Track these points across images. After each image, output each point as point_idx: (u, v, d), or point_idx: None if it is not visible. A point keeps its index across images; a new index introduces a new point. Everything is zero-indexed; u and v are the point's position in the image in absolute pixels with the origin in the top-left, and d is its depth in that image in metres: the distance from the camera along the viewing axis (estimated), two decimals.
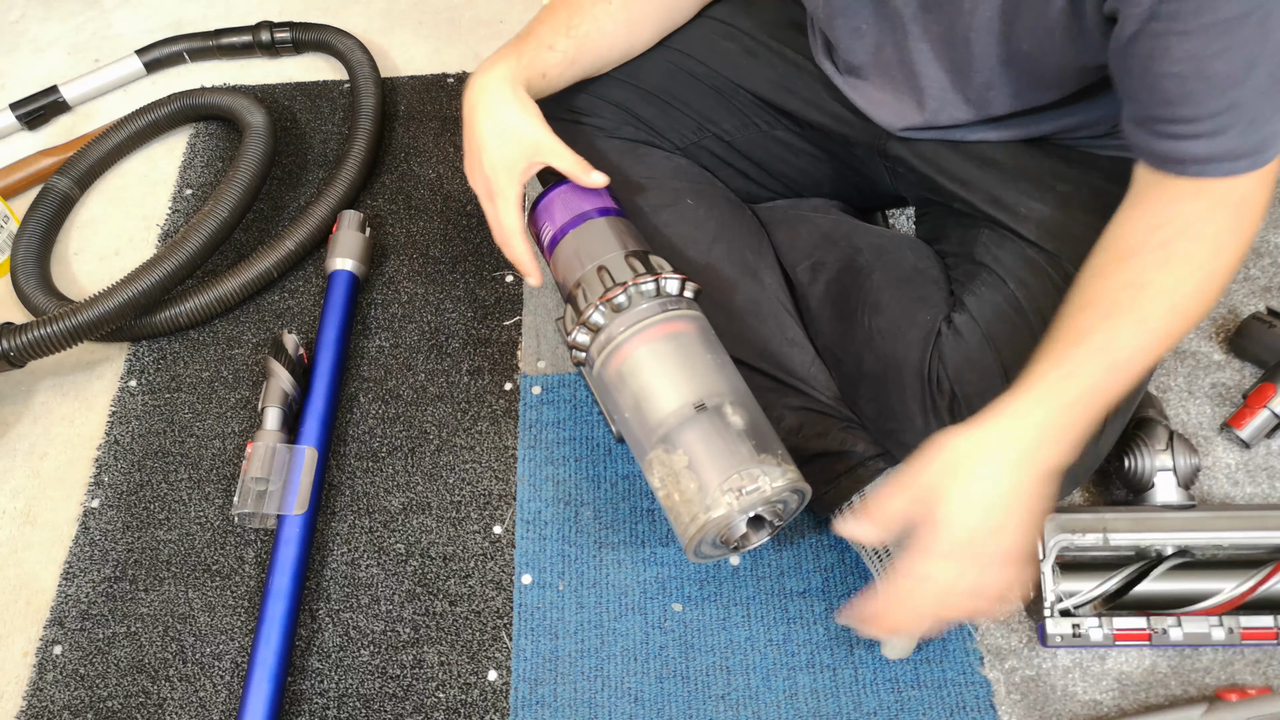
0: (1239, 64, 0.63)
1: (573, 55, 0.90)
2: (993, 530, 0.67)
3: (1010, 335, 0.80)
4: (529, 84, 0.87)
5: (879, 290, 0.89)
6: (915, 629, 0.75)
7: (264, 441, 0.99)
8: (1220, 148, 0.66)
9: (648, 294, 0.83)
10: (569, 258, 0.89)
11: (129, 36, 1.50)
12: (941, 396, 0.81)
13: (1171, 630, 0.85)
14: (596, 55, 0.93)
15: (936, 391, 0.81)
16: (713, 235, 0.94)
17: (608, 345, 0.83)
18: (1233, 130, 0.65)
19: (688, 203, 0.96)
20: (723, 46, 0.98)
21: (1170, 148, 0.68)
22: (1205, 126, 0.66)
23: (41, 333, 1.02)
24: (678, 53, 0.97)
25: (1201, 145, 0.67)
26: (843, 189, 1.04)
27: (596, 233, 0.88)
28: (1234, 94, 0.64)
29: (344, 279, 1.12)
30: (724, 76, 0.97)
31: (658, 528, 0.97)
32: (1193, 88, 0.64)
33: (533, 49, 0.88)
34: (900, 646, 0.85)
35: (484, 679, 0.90)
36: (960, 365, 0.80)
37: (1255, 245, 1.10)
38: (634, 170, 0.96)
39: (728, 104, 0.98)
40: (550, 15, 0.91)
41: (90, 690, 0.92)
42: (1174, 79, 0.65)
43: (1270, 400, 0.95)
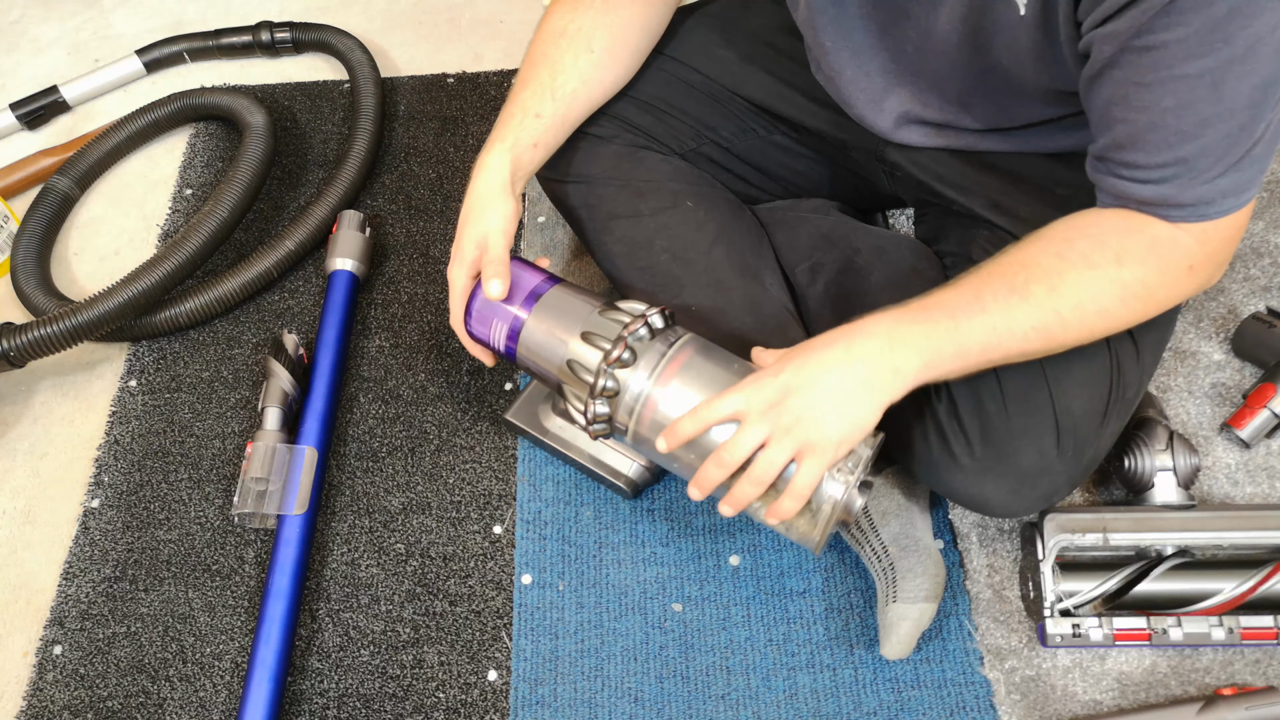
0: (1192, 121, 0.64)
1: (562, 114, 0.90)
2: (802, 387, 0.70)
3: None
4: (519, 165, 0.88)
5: (878, 291, 0.89)
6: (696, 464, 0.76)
7: (264, 441, 0.99)
8: (1162, 194, 0.68)
9: (645, 339, 0.81)
10: (542, 340, 0.84)
11: (129, 36, 1.50)
12: (939, 399, 0.81)
13: (1171, 630, 0.85)
14: (587, 105, 0.92)
15: (933, 394, 0.81)
16: (713, 237, 0.94)
17: (636, 404, 0.80)
18: (1177, 181, 0.67)
19: (687, 205, 0.96)
20: (719, 55, 0.98)
21: (1119, 185, 0.70)
22: (1152, 175, 0.68)
23: (41, 333, 1.02)
24: (673, 61, 0.98)
25: (1147, 190, 0.69)
26: (842, 190, 1.04)
27: (558, 304, 0.85)
28: (1183, 149, 0.65)
29: (344, 279, 1.12)
30: (720, 84, 0.98)
31: (658, 528, 0.97)
32: (1146, 137, 0.66)
33: (518, 123, 0.88)
34: (898, 646, 0.85)
35: (484, 679, 0.90)
36: None
37: (1255, 245, 1.10)
38: (633, 174, 0.96)
39: (724, 111, 0.98)
40: (533, 76, 0.89)
41: (90, 690, 0.92)
42: (1129, 125, 0.67)
43: (1270, 400, 0.95)
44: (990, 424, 0.79)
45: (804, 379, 0.71)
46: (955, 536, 0.94)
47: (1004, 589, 0.91)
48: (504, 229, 0.86)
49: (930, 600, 0.85)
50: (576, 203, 0.98)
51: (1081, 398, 0.79)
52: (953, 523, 0.95)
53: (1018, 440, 0.78)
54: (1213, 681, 0.85)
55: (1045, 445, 0.78)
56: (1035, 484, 0.80)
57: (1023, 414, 0.78)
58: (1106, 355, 0.79)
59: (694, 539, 0.96)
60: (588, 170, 0.97)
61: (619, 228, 0.96)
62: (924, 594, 0.84)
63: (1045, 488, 0.81)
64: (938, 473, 0.82)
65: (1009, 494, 0.81)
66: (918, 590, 0.84)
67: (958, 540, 0.94)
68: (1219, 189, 0.67)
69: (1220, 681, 0.85)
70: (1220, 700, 0.82)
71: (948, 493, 0.84)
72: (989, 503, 0.82)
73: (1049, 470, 0.79)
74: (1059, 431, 0.78)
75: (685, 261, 0.93)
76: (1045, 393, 0.78)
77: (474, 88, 1.36)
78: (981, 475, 0.80)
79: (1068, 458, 0.79)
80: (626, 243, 0.95)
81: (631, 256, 0.95)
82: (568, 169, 0.97)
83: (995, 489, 0.80)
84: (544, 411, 0.99)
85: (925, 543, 0.87)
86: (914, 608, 0.84)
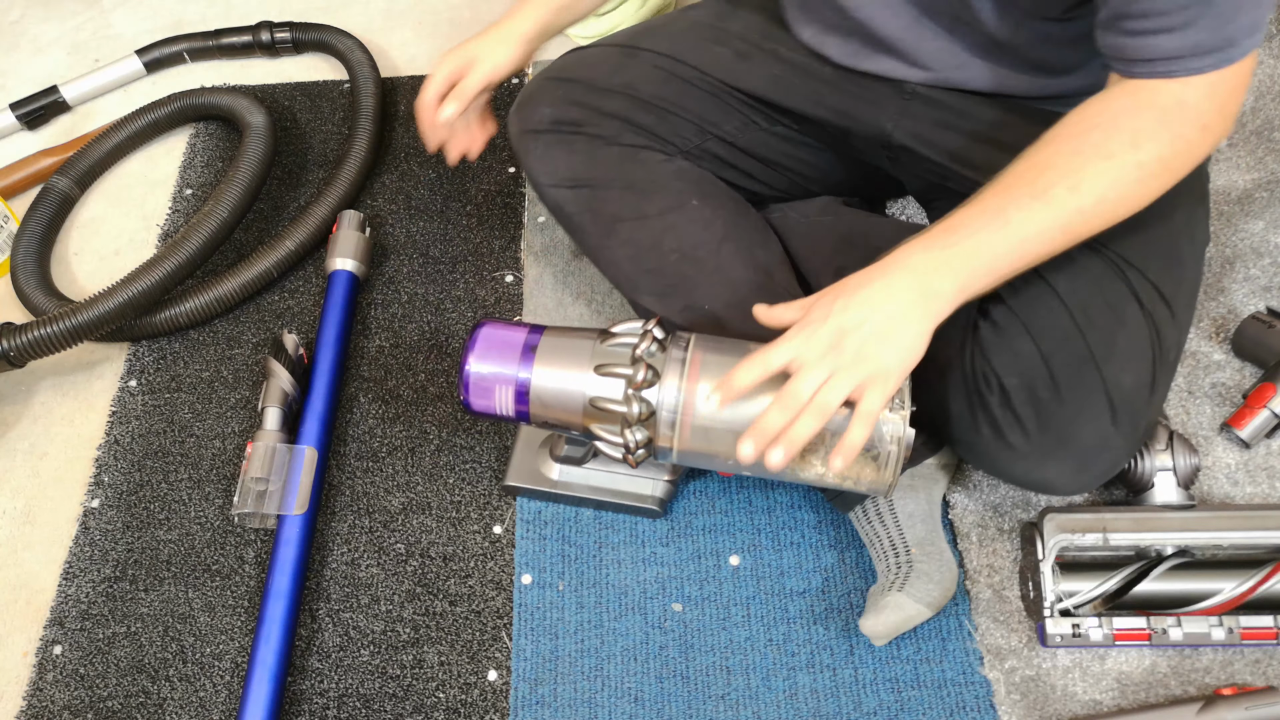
0: None
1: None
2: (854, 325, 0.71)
3: (1047, 320, 0.80)
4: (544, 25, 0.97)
5: None
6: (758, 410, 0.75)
7: (264, 441, 0.99)
8: (1188, 41, 0.68)
9: (657, 353, 0.81)
10: (555, 389, 0.82)
11: (129, 36, 1.50)
12: (990, 391, 0.81)
13: (1171, 630, 0.85)
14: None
15: (984, 387, 0.81)
16: (720, 235, 0.94)
17: (675, 417, 0.80)
18: (1201, 23, 0.67)
19: (693, 204, 0.95)
20: (714, 51, 0.98)
21: (1139, 45, 0.70)
22: (1176, 20, 0.67)
23: (41, 333, 1.02)
24: (669, 59, 0.98)
25: (1171, 40, 0.68)
26: (847, 180, 1.04)
27: (556, 350, 0.83)
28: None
29: (344, 279, 1.12)
30: (718, 80, 0.97)
31: (658, 528, 0.97)
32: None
33: None
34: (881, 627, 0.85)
35: (484, 679, 0.90)
36: (1005, 357, 0.80)
37: (1255, 245, 1.10)
38: (635, 175, 0.96)
39: (725, 106, 0.98)
40: None
41: (90, 690, 0.92)
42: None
43: (1270, 400, 0.95)
44: (1045, 410, 0.79)
45: (853, 317, 0.71)
46: (955, 536, 0.94)
47: (1004, 589, 0.91)
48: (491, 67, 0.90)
49: (930, 608, 0.85)
50: (577, 208, 0.97)
51: (1130, 371, 0.79)
52: (953, 523, 0.95)
53: (1074, 423, 0.79)
54: (1213, 681, 0.85)
55: (1102, 423, 0.79)
56: (1097, 460, 0.81)
57: (1076, 397, 0.79)
58: (1145, 324, 0.80)
59: (694, 539, 0.96)
60: (589, 174, 0.96)
61: (624, 230, 0.95)
62: (929, 599, 0.85)
63: (1107, 462, 0.81)
64: (996, 463, 0.83)
65: (1073, 474, 0.81)
66: (926, 593, 0.85)
67: (958, 540, 0.94)
68: (1241, 27, 0.67)
69: (1220, 681, 0.85)
70: (1220, 700, 0.82)
71: (1009, 479, 0.85)
72: (1053, 485, 0.83)
73: (1108, 445, 0.80)
74: (1113, 408, 0.78)
75: (695, 261, 0.92)
76: (1095, 373, 0.78)
77: None
78: (1043, 460, 0.81)
79: (1125, 431, 0.79)
80: (633, 245, 0.94)
81: (639, 259, 0.94)
82: (568, 174, 0.96)
83: (1058, 471, 0.81)
84: (544, 463, 0.97)
85: (947, 556, 0.88)
86: (914, 605, 0.84)
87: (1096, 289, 0.80)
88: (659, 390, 0.80)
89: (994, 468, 0.85)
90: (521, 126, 0.99)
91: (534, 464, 0.97)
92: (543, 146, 0.97)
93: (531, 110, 0.98)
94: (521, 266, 1.18)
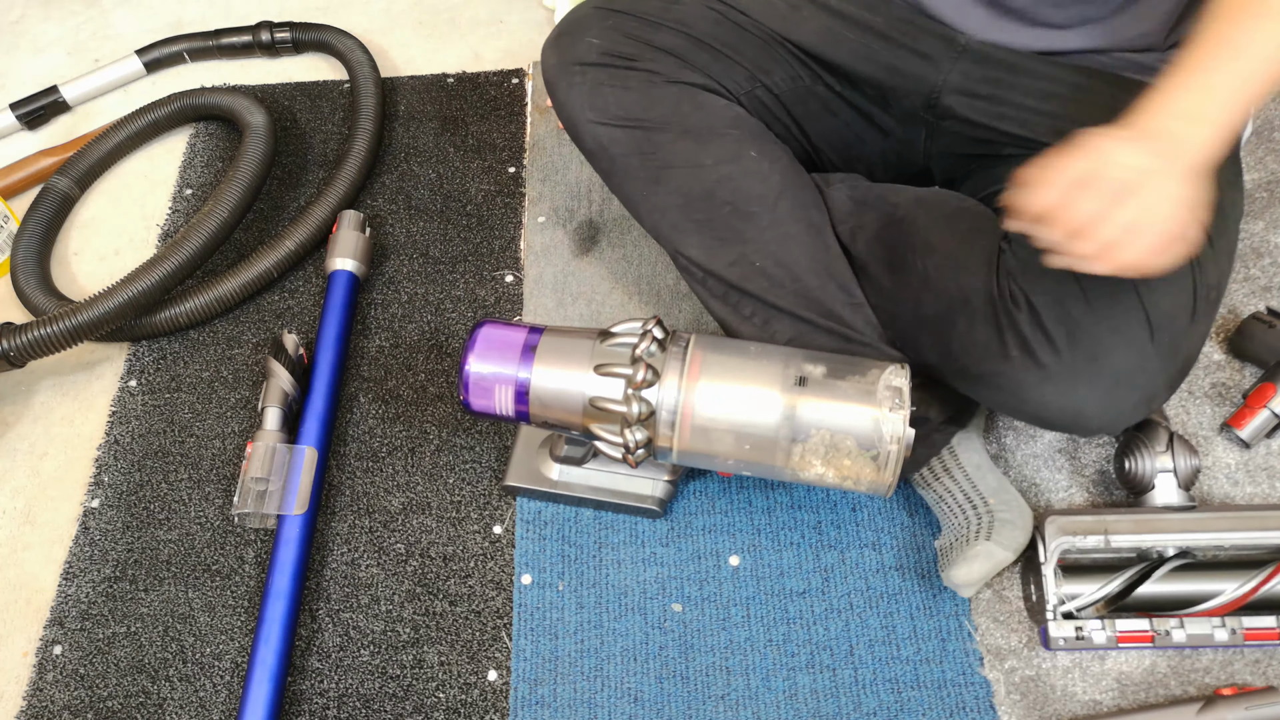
0: None
1: None
2: (1135, 163, 0.67)
3: None
4: None
5: (926, 232, 0.86)
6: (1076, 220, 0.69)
7: (264, 441, 0.99)
8: None
9: (657, 353, 0.81)
10: (555, 389, 0.82)
11: (129, 36, 1.50)
12: (1019, 309, 0.78)
13: (1174, 632, 0.85)
14: None
15: (1012, 306, 0.78)
16: (778, 190, 0.90)
17: (675, 418, 0.80)
18: None
19: (751, 155, 0.91)
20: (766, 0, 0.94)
21: None
22: None
23: (41, 333, 1.02)
24: (723, 3, 0.94)
25: None
26: (874, 156, 1.00)
27: (556, 350, 0.83)
28: None
29: (344, 279, 1.12)
30: (769, 28, 0.93)
31: (657, 528, 0.97)
32: None
33: None
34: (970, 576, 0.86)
35: (484, 679, 0.90)
36: (1032, 273, 0.77)
37: (1255, 245, 1.10)
38: (693, 119, 0.91)
39: (775, 55, 0.94)
40: None
41: (90, 690, 0.92)
42: None
43: (1270, 400, 0.95)
44: (1078, 326, 0.76)
45: (1133, 158, 0.68)
46: None
47: (1004, 589, 0.91)
48: None
49: (1015, 552, 0.86)
50: (626, 149, 0.91)
51: (1169, 294, 0.77)
52: None
53: (1109, 338, 0.76)
54: (1212, 681, 0.85)
55: (1139, 343, 0.76)
56: (1132, 385, 0.77)
57: (1110, 313, 0.76)
58: None
59: (694, 539, 0.96)
60: (644, 113, 0.90)
61: (675, 178, 0.90)
62: (1014, 544, 0.86)
63: (1143, 389, 0.78)
64: (1024, 389, 0.79)
65: (1105, 399, 0.77)
66: (1012, 540, 0.86)
67: None
68: None
69: (1220, 681, 0.85)
70: (1220, 700, 0.82)
71: (1037, 411, 0.80)
72: (1083, 413, 0.78)
73: (1145, 368, 0.77)
74: (1151, 326, 0.76)
75: (749, 216, 0.89)
76: (1132, 292, 0.76)
77: (474, 88, 1.36)
78: (1073, 381, 0.77)
79: (1163, 351, 0.77)
80: (683, 194, 0.90)
81: (687, 209, 0.90)
82: (620, 112, 0.90)
83: (1089, 394, 0.77)
84: (543, 463, 0.97)
85: (1021, 501, 0.89)
86: (1002, 552, 0.85)
87: None
88: (659, 390, 0.80)
89: (1021, 398, 0.80)
90: (563, 58, 0.92)
91: (534, 464, 0.97)
92: (590, 80, 0.91)
93: (576, 40, 0.92)
94: (521, 266, 1.18)
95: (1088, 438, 0.98)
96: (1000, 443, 0.98)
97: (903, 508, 0.96)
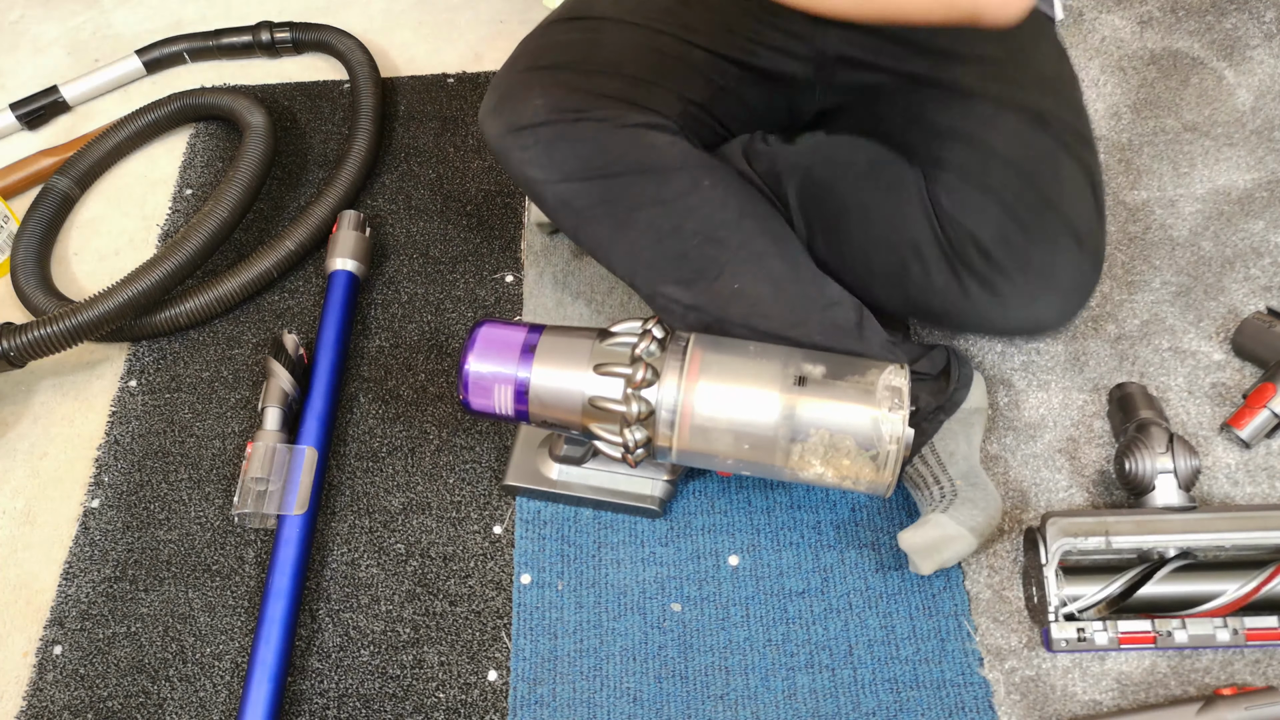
0: None
1: None
2: None
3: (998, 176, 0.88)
4: None
5: (852, 195, 0.92)
6: None
7: (264, 441, 0.99)
8: None
9: (657, 353, 0.81)
10: (555, 389, 0.82)
11: (129, 36, 1.50)
12: (969, 250, 0.87)
13: (1176, 633, 0.85)
14: None
15: (964, 248, 0.87)
16: (737, 213, 0.92)
17: (674, 417, 0.81)
18: None
19: (705, 184, 0.92)
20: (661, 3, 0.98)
21: None
22: None
23: (41, 333, 1.02)
24: (631, 26, 0.96)
25: None
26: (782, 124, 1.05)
27: (555, 349, 0.83)
28: None
29: (344, 279, 1.12)
30: (674, 36, 0.96)
31: (657, 527, 0.97)
32: None
33: None
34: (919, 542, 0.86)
35: (484, 679, 0.90)
36: (970, 213, 0.87)
37: (1255, 245, 1.09)
38: (648, 158, 0.91)
39: (689, 66, 0.97)
40: None
41: (90, 690, 0.92)
42: None
43: (1270, 400, 0.94)
44: (1022, 254, 0.87)
45: None
46: None
47: (1004, 589, 0.91)
48: None
49: (974, 534, 0.86)
50: (589, 201, 0.91)
51: (1079, 201, 0.89)
52: None
53: (1051, 258, 0.87)
54: (1212, 681, 0.85)
55: (1071, 249, 0.88)
56: (1077, 289, 0.90)
57: (1045, 235, 0.87)
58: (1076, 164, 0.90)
59: (693, 539, 0.96)
60: (602, 162, 0.91)
61: (642, 219, 0.91)
62: (971, 523, 0.86)
63: (1084, 289, 0.91)
64: (987, 316, 0.90)
65: (1059, 307, 0.91)
66: (969, 517, 0.86)
67: None
68: None
69: (1220, 681, 0.85)
70: (1220, 700, 0.82)
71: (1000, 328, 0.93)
72: (1044, 321, 0.92)
73: (1082, 270, 0.90)
74: (1078, 238, 0.88)
75: (719, 242, 0.90)
76: (1053, 212, 0.87)
77: (474, 88, 1.36)
78: (1030, 300, 0.89)
79: (1089, 252, 0.90)
80: (653, 232, 0.91)
81: (660, 246, 0.91)
82: (577, 166, 0.91)
83: (1048, 305, 0.90)
84: (543, 463, 0.97)
85: (991, 489, 0.90)
86: (955, 527, 0.85)
87: (1029, 144, 0.89)
88: (658, 390, 0.80)
89: (985, 323, 0.92)
90: (510, 124, 0.91)
91: (533, 464, 0.97)
92: (544, 140, 0.91)
93: (519, 104, 0.92)
94: (521, 266, 1.18)
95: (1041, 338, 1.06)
96: (1000, 443, 0.98)
97: (902, 508, 0.96)
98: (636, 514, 0.96)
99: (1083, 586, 0.86)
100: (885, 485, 0.80)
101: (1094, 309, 1.06)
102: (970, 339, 1.05)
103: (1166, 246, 1.11)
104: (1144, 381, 1.01)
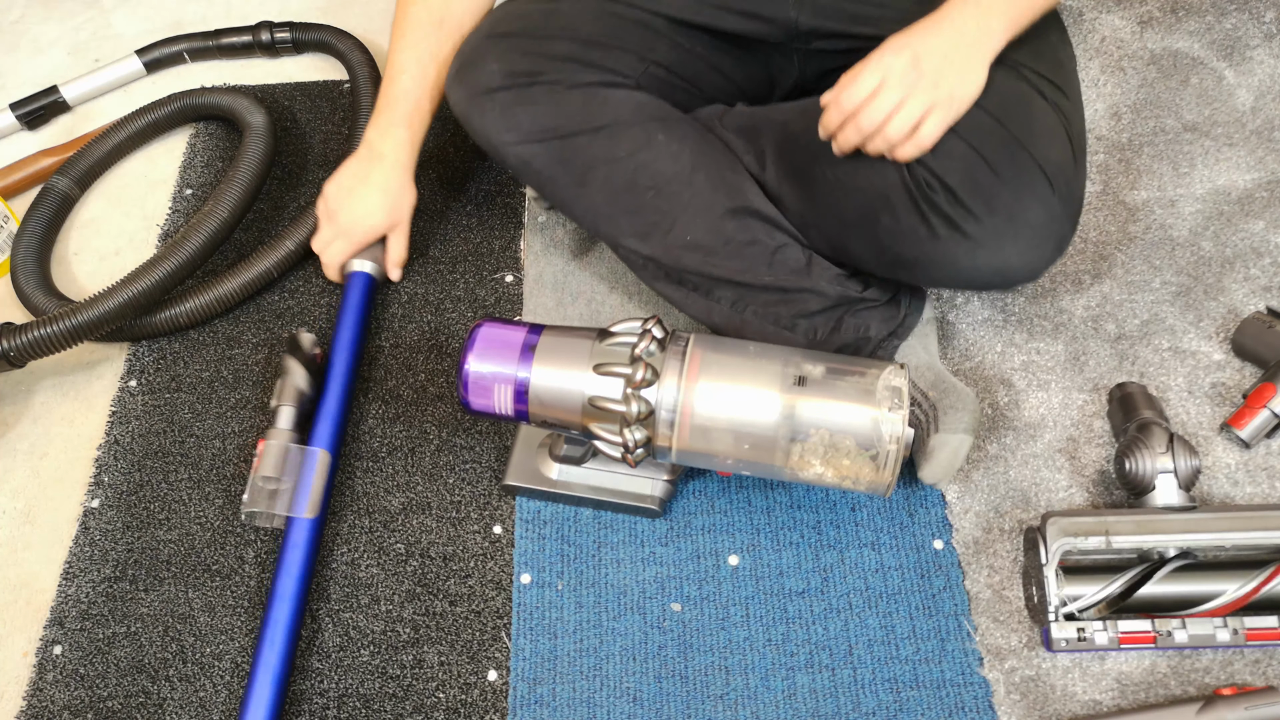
0: None
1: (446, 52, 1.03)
2: (929, 53, 0.83)
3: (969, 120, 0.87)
4: (414, 138, 1.07)
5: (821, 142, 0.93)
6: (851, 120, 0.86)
7: (277, 440, 0.97)
8: None
9: (656, 353, 0.81)
10: (554, 389, 0.83)
11: (129, 36, 1.50)
12: (936, 192, 0.86)
13: (1176, 633, 0.85)
14: None
15: (929, 191, 0.86)
16: (690, 166, 0.95)
17: (674, 417, 0.81)
18: None
19: (659, 139, 0.96)
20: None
21: None
22: None
23: (41, 333, 1.02)
24: None
25: None
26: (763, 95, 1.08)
27: (555, 349, 0.83)
28: None
29: (361, 280, 1.11)
30: (641, 7, 1.00)
31: (657, 527, 0.97)
32: None
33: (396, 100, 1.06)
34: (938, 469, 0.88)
35: (484, 679, 0.90)
36: (942, 160, 0.86)
37: (1255, 245, 1.09)
38: (601, 116, 0.96)
39: (654, 32, 1.00)
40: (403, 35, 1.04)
41: (90, 690, 0.92)
42: None
43: (1270, 400, 0.95)
44: (990, 194, 0.86)
45: (929, 48, 0.83)
46: (954, 536, 0.94)
47: (1004, 589, 0.91)
48: (406, 229, 1.04)
49: (969, 433, 0.89)
50: (547, 161, 0.97)
51: (1053, 148, 0.88)
52: (952, 523, 0.95)
53: (1020, 199, 0.86)
54: (1212, 681, 0.85)
55: (1043, 193, 0.86)
56: (1048, 234, 0.88)
57: (1014, 175, 0.86)
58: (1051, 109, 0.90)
59: (693, 538, 0.96)
60: (555, 122, 0.96)
61: (597, 176, 0.96)
62: (964, 426, 0.89)
63: (1056, 235, 0.89)
64: (957, 261, 0.88)
65: (1027, 251, 0.88)
66: (958, 423, 0.89)
67: (957, 540, 0.94)
68: None
69: (1220, 681, 0.85)
70: (1220, 700, 0.82)
71: (970, 278, 0.91)
72: (1011, 266, 0.89)
73: (1053, 215, 0.87)
74: (1050, 180, 0.86)
75: (671, 195, 0.94)
76: (1024, 152, 0.86)
77: None
78: (999, 242, 0.87)
79: (1064, 197, 0.88)
80: (608, 189, 0.96)
81: (615, 202, 0.96)
82: (533, 127, 0.96)
83: (1014, 250, 0.88)
84: (543, 463, 0.97)
85: (960, 386, 0.92)
86: (954, 437, 0.88)
87: (1003, 89, 0.88)
88: (658, 389, 0.80)
89: (956, 269, 0.89)
90: (469, 89, 0.98)
91: (533, 464, 0.97)
92: (500, 104, 0.96)
93: (478, 70, 0.97)
94: (521, 266, 1.18)
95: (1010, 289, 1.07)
96: (1000, 443, 0.98)
97: (902, 508, 0.96)
98: (636, 514, 0.96)
99: (1083, 586, 0.86)
100: (885, 485, 0.80)
101: (1094, 309, 1.06)
102: (969, 332, 1.05)
103: (1166, 246, 1.11)
104: (1144, 381, 1.01)
